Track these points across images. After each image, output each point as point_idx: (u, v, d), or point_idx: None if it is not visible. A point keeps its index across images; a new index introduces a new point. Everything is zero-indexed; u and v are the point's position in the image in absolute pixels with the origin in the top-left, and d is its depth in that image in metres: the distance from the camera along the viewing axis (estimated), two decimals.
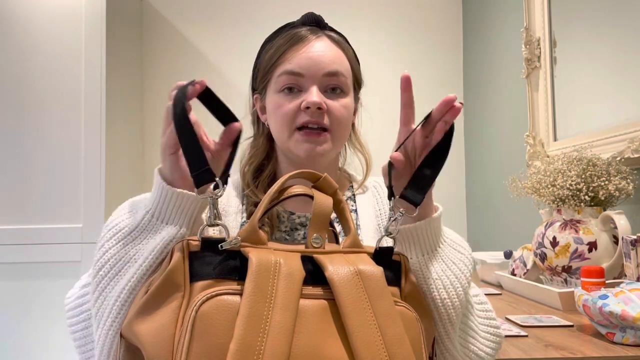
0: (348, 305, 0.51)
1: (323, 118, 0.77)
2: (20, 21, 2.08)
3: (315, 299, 0.52)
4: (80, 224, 2.04)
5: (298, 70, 0.77)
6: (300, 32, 0.80)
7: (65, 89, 2.08)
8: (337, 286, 0.51)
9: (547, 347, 0.92)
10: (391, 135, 2.86)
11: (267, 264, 0.50)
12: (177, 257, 0.52)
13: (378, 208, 0.85)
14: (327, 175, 0.61)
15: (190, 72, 2.68)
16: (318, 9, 0.88)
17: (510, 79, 2.17)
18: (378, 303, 0.52)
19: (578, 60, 1.67)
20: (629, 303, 0.91)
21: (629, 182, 1.25)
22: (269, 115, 0.82)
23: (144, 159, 2.64)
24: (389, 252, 0.60)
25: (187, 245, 0.53)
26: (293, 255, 0.53)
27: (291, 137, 0.78)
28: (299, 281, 0.51)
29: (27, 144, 2.06)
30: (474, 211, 2.63)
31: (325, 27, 0.83)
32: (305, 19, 0.83)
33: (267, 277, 0.49)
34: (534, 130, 1.93)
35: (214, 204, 0.55)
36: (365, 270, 0.54)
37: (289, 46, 0.78)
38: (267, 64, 0.81)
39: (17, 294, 2.02)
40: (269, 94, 0.81)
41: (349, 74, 0.81)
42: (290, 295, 0.49)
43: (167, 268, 0.52)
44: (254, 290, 0.48)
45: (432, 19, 2.75)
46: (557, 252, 1.30)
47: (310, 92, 0.76)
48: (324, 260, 0.54)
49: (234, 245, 0.52)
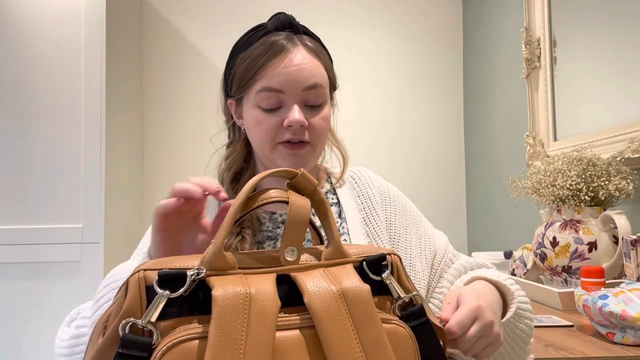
0: (330, 336, 0.45)
1: (304, 134, 0.78)
2: (20, 22, 2.08)
3: (292, 329, 0.46)
4: (80, 224, 2.04)
5: (278, 87, 0.76)
6: (277, 41, 0.78)
7: (65, 89, 2.08)
8: (317, 314, 0.45)
9: (547, 347, 0.92)
10: (389, 131, 2.85)
11: (234, 300, 0.43)
12: (133, 295, 0.45)
13: (360, 202, 0.86)
14: (304, 171, 0.55)
15: (190, 72, 2.68)
16: (318, 9, 0.88)
17: (510, 79, 2.17)
18: (365, 330, 0.46)
19: (578, 60, 1.67)
20: (629, 303, 0.91)
21: (629, 182, 1.25)
22: (248, 128, 0.82)
23: (144, 159, 2.64)
24: (378, 261, 0.53)
25: (142, 279, 0.46)
26: (267, 279, 0.47)
27: (274, 150, 0.79)
28: (273, 316, 0.44)
29: (27, 144, 2.06)
30: (474, 211, 2.63)
31: (299, 31, 0.82)
32: (277, 22, 0.81)
33: (236, 317, 0.43)
34: (534, 130, 1.93)
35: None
36: (349, 290, 0.47)
37: (267, 59, 0.77)
38: (243, 75, 0.79)
39: (17, 294, 2.02)
40: (247, 105, 0.81)
41: (326, 83, 0.82)
42: (264, 335, 0.43)
43: (122, 308, 0.45)
44: (219, 337, 0.41)
45: (432, 19, 2.75)
46: (557, 252, 1.30)
47: (292, 110, 0.76)
48: (303, 281, 0.48)
49: (198, 277, 0.46)
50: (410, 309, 0.53)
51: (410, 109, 2.70)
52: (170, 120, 2.67)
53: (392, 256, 0.56)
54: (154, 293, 0.45)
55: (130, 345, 0.43)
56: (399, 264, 0.56)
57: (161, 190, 2.60)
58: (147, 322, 0.44)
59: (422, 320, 0.52)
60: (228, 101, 0.86)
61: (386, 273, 0.53)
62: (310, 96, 0.78)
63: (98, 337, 0.47)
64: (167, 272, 0.46)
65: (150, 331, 0.44)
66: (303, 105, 0.78)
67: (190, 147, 2.66)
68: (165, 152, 2.66)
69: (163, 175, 2.63)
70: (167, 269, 0.46)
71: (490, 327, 0.60)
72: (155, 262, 0.48)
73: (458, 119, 2.72)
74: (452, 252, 0.88)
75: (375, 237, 0.82)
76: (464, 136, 2.71)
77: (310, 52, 0.80)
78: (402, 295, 0.53)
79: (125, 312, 0.45)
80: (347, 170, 0.90)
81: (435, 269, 0.84)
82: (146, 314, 0.44)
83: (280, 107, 0.78)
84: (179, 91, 2.68)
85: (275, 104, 0.77)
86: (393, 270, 0.55)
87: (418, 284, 0.80)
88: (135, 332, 0.44)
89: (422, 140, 2.70)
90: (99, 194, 2.04)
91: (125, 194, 2.34)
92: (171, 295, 0.45)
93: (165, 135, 2.66)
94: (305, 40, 0.81)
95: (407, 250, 0.83)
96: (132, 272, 0.47)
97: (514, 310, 0.68)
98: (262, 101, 0.77)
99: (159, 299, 0.44)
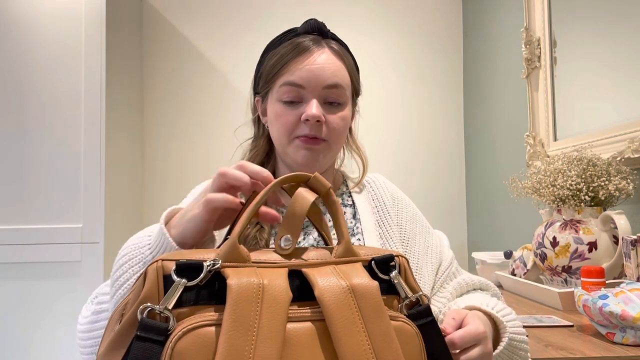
0: (340, 328, 0.46)
1: (321, 130, 0.80)
2: (20, 21, 2.08)
3: (303, 321, 0.47)
4: (80, 224, 2.04)
5: (299, 82, 0.80)
6: (304, 42, 0.82)
7: (65, 89, 2.08)
8: (328, 307, 0.47)
9: (547, 347, 0.92)
10: (391, 133, 2.85)
11: (248, 289, 0.45)
12: (151, 283, 0.47)
13: (374, 205, 0.89)
14: (317, 175, 0.57)
15: (190, 72, 2.68)
16: (317, 9, 0.89)
17: (510, 79, 2.17)
18: (373, 324, 0.48)
19: (578, 60, 1.67)
20: (629, 303, 0.91)
21: (629, 182, 1.25)
22: (269, 121, 0.85)
23: (144, 158, 2.64)
24: (387, 261, 0.55)
25: (161, 268, 0.48)
26: (279, 273, 0.49)
27: (290, 143, 0.81)
28: (285, 306, 0.46)
29: (27, 144, 2.06)
30: (474, 211, 2.63)
31: (328, 35, 0.86)
32: (308, 26, 0.85)
33: (249, 305, 0.44)
34: (534, 130, 1.93)
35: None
36: (359, 285, 0.49)
37: (292, 57, 0.81)
38: (270, 71, 0.83)
39: (17, 294, 2.02)
40: (270, 100, 0.84)
41: (347, 85, 0.84)
42: (276, 323, 0.44)
43: (139, 295, 0.47)
44: (233, 322, 0.43)
45: (432, 19, 2.75)
46: (557, 252, 1.30)
47: (310, 104, 0.79)
48: (313, 276, 0.49)
49: (214, 267, 0.48)
50: (417, 308, 0.54)
51: (410, 109, 2.70)
52: (170, 120, 2.67)
53: (400, 258, 0.57)
54: (171, 281, 0.46)
55: (148, 329, 0.44)
56: (406, 266, 0.57)
57: (161, 190, 2.60)
58: (164, 308, 0.45)
59: (428, 320, 0.54)
60: (255, 98, 0.90)
61: (394, 273, 0.54)
62: (330, 95, 0.81)
63: (115, 324, 0.49)
64: (185, 262, 0.47)
65: (167, 317, 0.45)
66: (322, 103, 0.81)
67: (190, 147, 2.66)
68: (166, 151, 2.66)
69: (163, 175, 2.63)
70: (184, 259, 0.48)
71: (489, 356, 0.63)
72: (173, 254, 0.50)
73: (458, 119, 2.72)
74: (456, 267, 0.91)
75: (388, 239, 0.84)
76: (464, 136, 2.71)
77: (334, 54, 0.83)
78: (409, 295, 0.54)
79: (143, 299, 0.47)
80: (365, 176, 0.92)
81: (438, 278, 0.86)
82: (164, 300, 0.46)
83: (301, 103, 0.81)
84: (179, 91, 2.68)
85: (296, 97, 0.80)
86: (400, 271, 0.56)
87: (423, 288, 0.82)
88: (152, 317, 0.46)
89: (422, 140, 2.70)
90: (99, 194, 2.04)
91: (125, 194, 2.34)
92: (188, 283, 0.46)
93: (165, 135, 2.66)
94: (332, 43, 0.85)
95: (416, 256, 0.85)
96: (150, 262, 0.49)
97: (506, 343, 0.70)
98: (284, 95, 0.80)
99: (177, 287, 0.46)
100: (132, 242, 0.67)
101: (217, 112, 2.65)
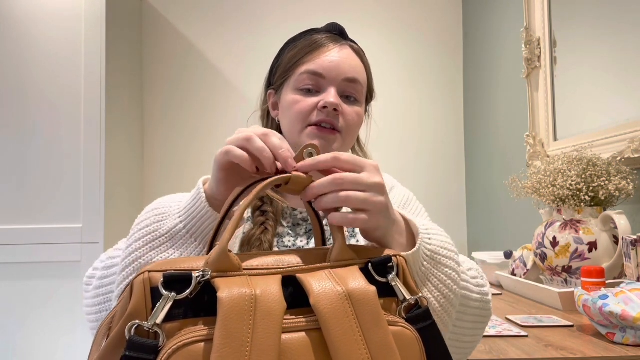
0: (337, 338, 0.44)
1: (337, 120, 0.80)
2: (20, 21, 2.08)
3: (298, 331, 0.45)
4: (80, 224, 2.04)
5: (320, 71, 0.80)
6: (326, 37, 0.83)
7: (65, 89, 2.08)
8: (324, 315, 0.45)
9: (547, 347, 0.92)
10: (391, 133, 2.85)
11: (240, 302, 0.43)
12: (138, 297, 0.45)
13: None
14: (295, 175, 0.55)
15: (190, 72, 2.68)
16: (318, 9, 0.89)
17: (510, 79, 2.17)
18: (371, 332, 0.45)
19: (578, 60, 1.67)
20: (629, 303, 0.91)
21: (629, 182, 1.25)
22: (282, 111, 0.84)
23: (144, 158, 2.64)
24: (384, 262, 0.53)
25: (147, 280, 0.46)
26: (273, 280, 0.46)
27: (303, 131, 0.80)
28: (279, 317, 0.43)
29: (27, 145, 2.06)
30: (474, 211, 2.63)
31: (347, 38, 0.87)
32: (329, 27, 0.87)
33: (241, 319, 0.42)
34: (534, 130, 1.93)
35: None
36: (356, 291, 0.47)
37: (315, 48, 0.82)
38: (289, 61, 0.84)
39: (17, 294, 2.02)
40: (285, 90, 0.84)
41: (365, 83, 0.85)
42: (270, 337, 0.42)
43: (126, 309, 0.45)
44: (225, 339, 0.41)
45: (432, 19, 2.75)
46: (557, 252, 1.30)
47: (328, 92, 0.79)
48: (308, 282, 0.47)
49: (203, 278, 0.45)
50: (415, 311, 0.53)
51: (410, 108, 2.70)
52: (170, 120, 2.67)
53: (398, 257, 0.55)
54: (159, 295, 0.45)
55: (136, 348, 0.43)
56: (404, 266, 0.55)
57: (161, 190, 2.60)
58: (153, 325, 0.43)
59: (428, 323, 0.52)
60: (268, 91, 0.89)
61: (392, 275, 0.53)
62: (348, 88, 0.81)
63: (102, 338, 0.47)
64: (172, 273, 0.45)
65: (156, 333, 0.44)
66: (340, 95, 0.81)
67: (190, 147, 2.66)
68: (165, 152, 2.66)
69: (163, 174, 2.63)
70: (172, 270, 0.46)
71: (380, 188, 0.56)
72: (160, 264, 0.48)
73: (458, 119, 2.72)
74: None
75: None
76: (464, 136, 2.71)
77: (355, 53, 0.84)
78: (407, 297, 0.53)
79: (131, 314, 0.45)
80: None
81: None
82: (152, 316, 0.44)
83: (318, 92, 0.81)
84: (179, 91, 2.68)
85: (314, 86, 0.80)
86: (399, 272, 0.54)
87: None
88: (140, 334, 0.44)
89: (422, 140, 2.70)
90: (99, 194, 2.04)
91: (125, 194, 2.34)
92: (177, 297, 0.44)
93: (165, 134, 2.66)
94: (352, 43, 0.86)
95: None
96: (137, 274, 0.47)
97: (424, 251, 0.60)
98: (302, 82, 0.81)
99: (166, 301, 0.44)
100: (166, 198, 0.69)
101: (217, 112, 2.65)
